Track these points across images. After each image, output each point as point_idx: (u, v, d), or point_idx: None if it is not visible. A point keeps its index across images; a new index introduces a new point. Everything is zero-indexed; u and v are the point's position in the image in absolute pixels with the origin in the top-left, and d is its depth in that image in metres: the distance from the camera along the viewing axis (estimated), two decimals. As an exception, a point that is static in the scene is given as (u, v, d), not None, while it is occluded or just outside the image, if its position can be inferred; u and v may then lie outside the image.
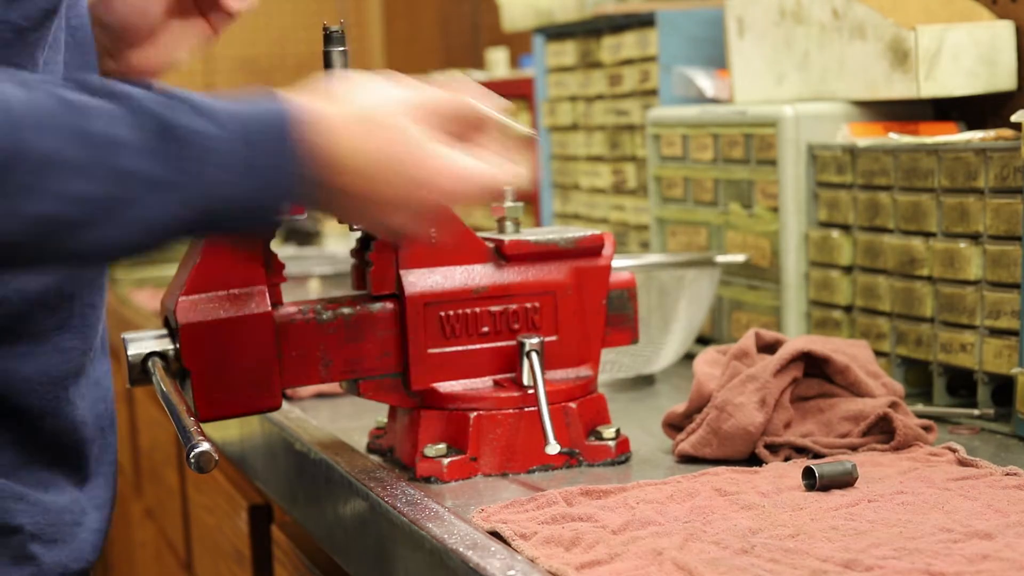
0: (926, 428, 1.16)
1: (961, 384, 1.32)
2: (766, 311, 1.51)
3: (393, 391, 1.16)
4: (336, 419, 1.37)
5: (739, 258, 1.52)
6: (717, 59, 1.73)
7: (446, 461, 1.13)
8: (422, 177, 0.95)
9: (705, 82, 1.70)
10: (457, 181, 0.97)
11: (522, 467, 1.14)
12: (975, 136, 1.29)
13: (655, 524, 0.96)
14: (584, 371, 1.19)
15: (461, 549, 0.93)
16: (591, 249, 1.19)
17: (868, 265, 1.39)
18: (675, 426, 1.22)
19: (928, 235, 1.31)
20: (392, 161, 0.94)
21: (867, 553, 0.87)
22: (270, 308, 1.11)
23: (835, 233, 1.43)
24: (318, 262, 2.28)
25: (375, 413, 1.31)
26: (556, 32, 1.97)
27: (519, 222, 1.21)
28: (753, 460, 1.14)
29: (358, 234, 1.16)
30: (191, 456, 0.97)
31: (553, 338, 1.18)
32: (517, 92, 2.11)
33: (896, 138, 1.38)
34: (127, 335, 1.11)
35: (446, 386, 1.16)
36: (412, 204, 0.97)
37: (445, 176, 0.96)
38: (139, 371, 1.10)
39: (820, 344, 1.18)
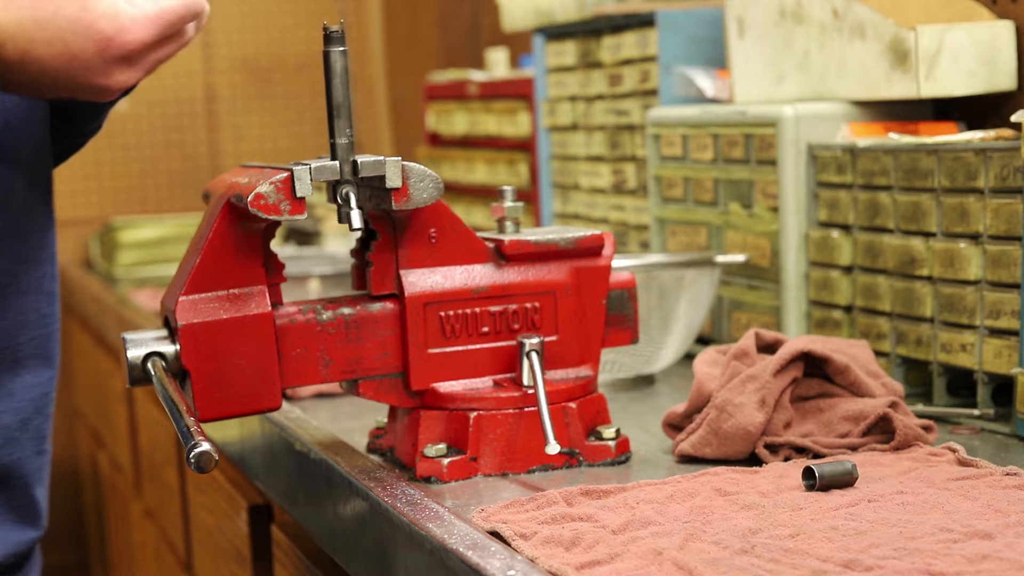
0: (926, 428, 1.16)
1: (961, 384, 1.32)
2: (766, 311, 1.51)
3: (393, 391, 1.16)
4: (336, 419, 1.37)
5: (739, 258, 1.52)
6: (717, 59, 1.73)
7: (446, 461, 1.13)
8: (88, 21, 0.95)
9: (705, 82, 1.70)
10: (131, 17, 0.96)
11: (522, 467, 1.14)
12: (975, 136, 1.29)
13: (655, 524, 0.96)
14: (584, 371, 1.19)
15: (461, 549, 0.93)
16: (591, 249, 1.19)
17: (868, 265, 1.39)
18: (675, 426, 1.22)
19: (928, 235, 1.31)
20: (42, 14, 0.94)
21: (867, 553, 0.87)
22: (270, 308, 1.11)
23: (835, 233, 1.43)
24: (318, 262, 2.28)
25: (375, 413, 1.31)
26: (556, 32, 1.97)
27: (519, 222, 1.21)
28: (753, 460, 1.14)
29: (358, 234, 1.16)
30: (191, 456, 0.97)
31: (553, 338, 1.18)
32: (517, 92, 2.11)
33: (896, 138, 1.38)
34: (127, 335, 1.11)
35: (446, 386, 1.16)
36: (106, 55, 0.96)
37: (111, 15, 0.95)
38: (139, 371, 1.10)
39: (820, 344, 1.18)
